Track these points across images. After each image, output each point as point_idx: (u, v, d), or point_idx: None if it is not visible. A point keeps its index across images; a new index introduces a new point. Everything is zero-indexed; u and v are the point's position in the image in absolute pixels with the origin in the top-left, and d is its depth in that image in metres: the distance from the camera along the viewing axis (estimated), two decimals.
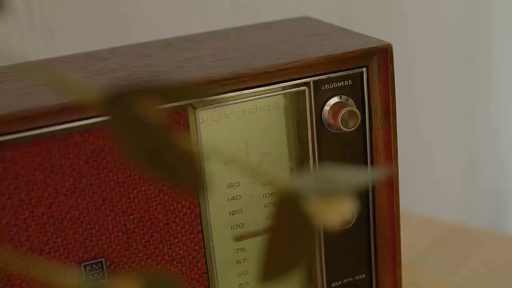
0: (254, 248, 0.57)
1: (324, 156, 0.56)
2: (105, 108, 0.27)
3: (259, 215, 0.56)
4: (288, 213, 0.30)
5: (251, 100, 0.53)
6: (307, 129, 0.55)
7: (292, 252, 0.31)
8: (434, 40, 1.16)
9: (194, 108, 0.52)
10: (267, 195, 0.56)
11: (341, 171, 0.31)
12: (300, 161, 0.56)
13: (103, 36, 0.85)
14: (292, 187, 0.30)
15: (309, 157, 0.55)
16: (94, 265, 0.52)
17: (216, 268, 0.55)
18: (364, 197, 0.58)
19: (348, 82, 0.55)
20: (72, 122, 0.49)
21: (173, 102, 0.50)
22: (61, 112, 0.48)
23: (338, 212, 0.30)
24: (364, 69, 0.55)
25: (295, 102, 0.55)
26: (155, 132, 0.27)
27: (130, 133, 0.27)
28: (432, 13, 1.15)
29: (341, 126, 0.54)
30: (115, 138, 0.27)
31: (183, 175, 0.28)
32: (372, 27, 1.04)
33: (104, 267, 0.52)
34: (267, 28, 0.64)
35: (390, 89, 0.55)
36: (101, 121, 0.49)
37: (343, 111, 0.54)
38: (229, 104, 0.53)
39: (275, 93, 0.54)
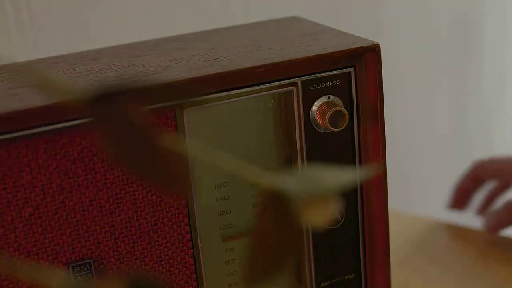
0: (242, 248, 0.57)
1: (313, 156, 0.56)
2: (90, 109, 0.27)
3: (247, 215, 0.56)
4: (274, 213, 0.30)
5: (239, 100, 0.53)
6: (295, 129, 0.55)
7: (278, 252, 0.31)
8: (423, 39, 1.16)
9: (182, 109, 0.52)
10: (256, 195, 0.56)
11: (327, 171, 0.31)
12: (288, 161, 0.56)
13: (92, 36, 0.84)
14: (278, 187, 0.30)
15: (297, 157, 0.55)
16: (82, 266, 0.52)
17: (204, 268, 0.55)
18: (353, 196, 0.58)
19: (336, 82, 0.55)
20: (59, 123, 0.49)
21: (159, 103, 0.50)
22: (49, 113, 0.48)
23: (323, 212, 0.30)
24: (352, 68, 0.55)
25: (283, 102, 0.55)
26: (140, 133, 0.27)
27: (115, 134, 0.27)
28: (422, 13, 1.15)
29: (329, 126, 0.54)
30: (100, 139, 0.27)
31: (169, 176, 0.27)
32: (361, 27, 1.04)
33: (92, 268, 0.52)
34: (256, 28, 0.64)
35: (378, 89, 0.55)
36: (88, 122, 0.49)
37: (331, 111, 0.54)
38: (217, 104, 0.53)
39: (263, 93, 0.54)
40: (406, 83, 1.18)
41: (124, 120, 0.26)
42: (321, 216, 0.30)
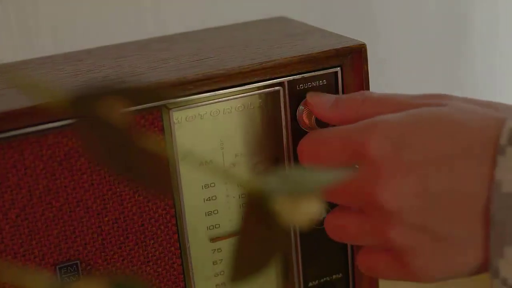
0: (230, 248, 0.57)
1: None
2: (72, 110, 0.27)
3: (235, 215, 0.56)
4: (258, 213, 0.30)
5: (226, 100, 0.53)
6: (282, 128, 0.55)
7: (262, 252, 0.31)
8: (412, 38, 1.17)
9: (168, 109, 0.52)
10: (243, 196, 0.56)
11: (310, 171, 0.31)
12: (276, 161, 0.56)
13: (81, 36, 0.84)
14: (261, 187, 0.30)
15: (284, 157, 0.55)
16: (69, 267, 0.52)
17: (192, 268, 0.55)
18: None
19: (323, 82, 0.55)
20: (45, 123, 0.49)
21: (144, 104, 0.50)
22: (34, 114, 0.48)
23: (307, 212, 0.30)
24: (338, 68, 0.55)
25: (270, 102, 0.55)
26: (122, 134, 0.27)
27: (96, 135, 0.27)
28: (413, 14, 1.15)
29: (315, 125, 0.54)
30: (82, 140, 0.27)
31: (151, 177, 0.28)
32: (351, 26, 1.04)
33: (80, 269, 0.52)
34: (244, 28, 0.65)
35: (364, 89, 0.55)
36: (72, 123, 0.49)
37: None
38: (203, 105, 0.53)
39: (250, 93, 0.54)
40: (398, 82, 1.18)
41: (106, 121, 0.26)
42: (305, 216, 0.30)
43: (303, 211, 0.30)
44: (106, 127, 0.26)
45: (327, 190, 0.49)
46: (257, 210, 0.30)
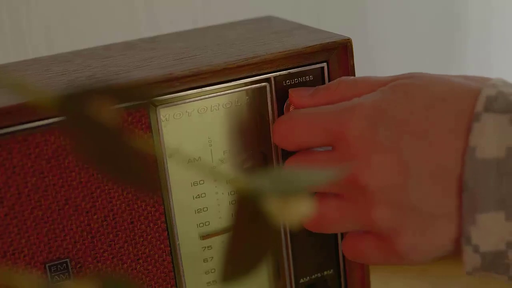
0: (220, 246, 0.57)
1: (288, 152, 0.56)
2: (58, 109, 0.27)
3: (224, 212, 0.56)
4: (248, 212, 0.30)
5: (213, 97, 0.53)
6: (270, 125, 0.55)
7: (253, 251, 0.31)
8: (402, 33, 1.17)
9: (155, 106, 0.52)
10: (233, 193, 0.56)
11: (300, 171, 0.31)
12: (264, 157, 0.56)
13: (74, 37, 0.85)
14: (251, 186, 0.30)
15: (272, 154, 0.56)
16: (59, 266, 0.52)
17: (182, 266, 0.55)
18: None
19: (309, 78, 0.55)
20: (33, 122, 0.49)
21: (131, 101, 0.50)
22: (22, 112, 0.48)
23: (297, 212, 0.30)
24: (324, 64, 0.55)
25: (257, 98, 0.55)
26: (108, 133, 0.27)
27: (83, 134, 0.27)
28: (404, 10, 1.15)
29: None
30: (69, 139, 0.27)
31: (138, 176, 0.28)
32: (343, 23, 1.04)
33: (69, 267, 0.52)
34: (231, 27, 0.65)
35: None
36: (58, 122, 0.49)
37: None
38: (190, 102, 0.53)
39: (236, 89, 0.54)
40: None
41: (93, 120, 0.27)
42: (295, 215, 0.30)
43: (293, 211, 0.30)
44: (93, 126, 0.26)
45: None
46: (247, 210, 0.30)
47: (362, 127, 0.48)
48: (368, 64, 1.09)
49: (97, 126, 0.27)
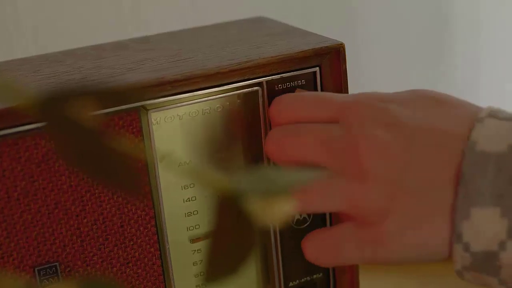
0: (205, 248, 0.57)
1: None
2: (40, 113, 0.27)
3: None
4: (231, 212, 0.30)
5: (204, 101, 0.53)
6: (261, 129, 0.55)
7: (236, 251, 0.31)
8: (392, 35, 1.17)
9: (147, 110, 0.52)
10: (217, 196, 0.56)
11: (283, 170, 0.31)
12: (255, 161, 0.56)
13: (62, 37, 0.84)
14: (234, 186, 0.30)
15: (263, 157, 0.55)
16: (48, 269, 0.51)
17: (172, 269, 0.55)
18: None
19: (302, 82, 0.55)
20: (23, 125, 0.49)
21: (117, 106, 0.50)
22: (12, 116, 0.48)
23: (280, 212, 0.30)
24: (317, 68, 0.55)
25: (249, 102, 0.55)
26: (91, 136, 0.27)
27: (66, 137, 0.27)
28: (393, 11, 1.15)
29: None
30: (54, 142, 0.27)
31: (122, 179, 0.27)
32: (332, 24, 1.04)
33: (59, 271, 0.52)
34: (223, 28, 0.64)
35: (343, 88, 0.55)
36: (43, 126, 0.49)
37: None
38: (182, 106, 0.53)
39: (228, 93, 0.54)
40: (379, 81, 1.18)
41: (77, 123, 0.26)
42: (278, 215, 0.30)
43: (277, 211, 0.30)
44: (77, 129, 0.26)
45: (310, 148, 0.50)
46: (230, 210, 0.30)
47: (371, 108, 0.50)
48: (356, 65, 1.08)
49: (81, 130, 0.27)
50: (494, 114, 0.48)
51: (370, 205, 0.48)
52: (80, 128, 0.26)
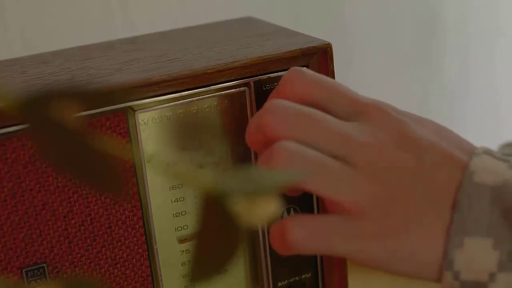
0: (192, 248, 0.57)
1: None
2: (23, 114, 0.27)
3: None
4: (215, 213, 0.30)
5: (192, 101, 0.53)
6: None
7: (221, 251, 0.31)
8: (386, 37, 1.17)
9: (134, 111, 0.51)
10: (202, 196, 0.56)
11: (267, 171, 0.31)
12: (243, 161, 0.56)
13: (49, 37, 0.84)
14: (218, 186, 0.30)
15: (251, 157, 0.55)
16: (35, 271, 0.51)
17: (160, 270, 0.55)
18: (308, 195, 0.58)
19: None
20: (9, 126, 0.49)
21: (103, 107, 0.50)
22: None
23: (264, 212, 0.30)
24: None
25: (237, 102, 0.55)
26: (73, 137, 0.27)
27: (49, 139, 0.27)
28: (383, 10, 1.15)
29: None
30: (36, 144, 0.27)
31: (105, 179, 0.27)
32: (322, 25, 1.04)
33: (46, 272, 0.52)
34: (211, 28, 0.64)
35: None
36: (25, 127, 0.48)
37: None
38: (169, 106, 0.53)
39: (216, 93, 0.54)
40: (368, 81, 1.18)
41: (58, 124, 0.26)
42: (263, 216, 0.30)
43: (262, 211, 0.30)
44: (60, 130, 0.26)
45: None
46: (215, 210, 0.30)
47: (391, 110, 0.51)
48: (346, 64, 1.09)
49: (61, 130, 0.27)
50: (490, 153, 0.49)
51: (371, 201, 0.48)
52: (63, 129, 0.26)
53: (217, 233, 0.31)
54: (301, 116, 0.49)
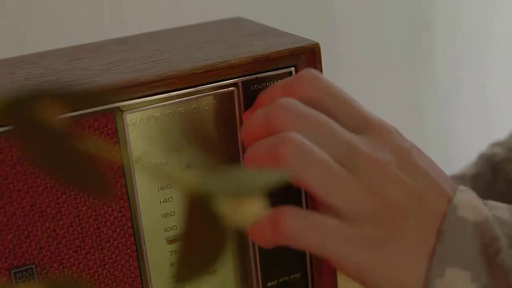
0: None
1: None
2: (6, 115, 0.27)
3: None
4: (200, 213, 0.30)
5: (180, 101, 0.53)
6: (237, 129, 0.55)
7: (206, 252, 0.31)
8: (376, 37, 1.17)
9: (122, 111, 0.51)
10: (187, 197, 0.56)
11: (252, 171, 0.31)
12: (231, 161, 0.56)
13: (38, 37, 0.84)
14: (203, 187, 0.30)
15: (239, 157, 0.55)
16: (24, 272, 0.51)
17: (149, 271, 0.55)
18: (298, 195, 0.58)
19: (277, 82, 0.55)
20: None
21: (96, 107, 0.50)
22: None
23: (249, 212, 0.30)
24: (292, 68, 0.55)
25: (225, 103, 0.55)
26: (57, 138, 0.27)
27: (32, 140, 0.27)
28: (372, 11, 1.15)
29: None
30: (19, 145, 0.27)
31: (88, 180, 0.27)
32: (312, 25, 1.04)
33: (35, 273, 0.52)
34: (200, 29, 0.64)
35: None
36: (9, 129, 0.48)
37: None
38: (158, 106, 0.53)
39: (204, 94, 0.54)
40: (359, 81, 1.18)
41: (42, 126, 0.26)
42: (248, 216, 0.30)
43: (246, 211, 0.30)
44: (43, 131, 0.26)
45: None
46: (200, 211, 0.30)
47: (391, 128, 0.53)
48: (336, 64, 1.09)
49: (45, 131, 0.27)
50: (471, 193, 0.52)
51: (366, 212, 0.50)
52: (47, 130, 0.26)
53: (202, 234, 0.31)
54: (312, 116, 0.50)
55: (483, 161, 0.80)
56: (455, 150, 1.38)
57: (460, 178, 0.79)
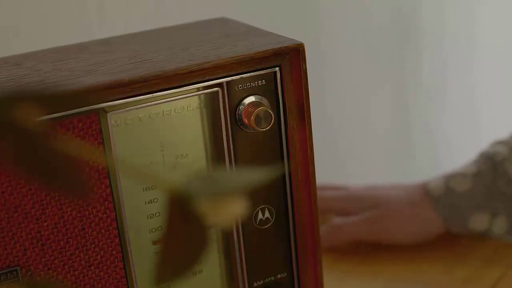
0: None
1: (241, 156, 0.56)
2: None
3: None
4: (181, 214, 0.30)
5: (164, 102, 0.53)
6: (222, 130, 0.55)
7: (187, 253, 0.31)
8: (361, 35, 1.17)
9: (106, 112, 0.51)
10: (167, 198, 0.56)
11: (232, 171, 0.31)
12: (217, 161, 0.56)
13: (24, 38, 0.84)
14: (184, 187, 0.30)
15: (225, 158, 0.55)
16: (8, 274, 0.51)
17: (135, 272, 0.55)
18: (283, 195, 0.58)
19: (262, 82, 0.55)
20: None
21: (74, 109, 0.50)
22: None
23: (230, 212, 0.30)
24: (277, 68, 0.55)
25: (209, 103, 0.55)
26: (35, 139, 0.26)
27: (10, 142, 0.27)
28: (358, 11, 1.16)
29: (255, 125, 0.54)
30: None
31: (66, 181, 0.27)
32: (298, 24, 1.04)
33: (20, 275, 0.51)
34: (184, 29, 0.64)
35: (303, 88, 0.55)
36: None
37: (256, 111, 0.54)
38: (142, 107, 0.52)
39: (188, 94, 0.54)
40: (344, 81, 1.18)
41: (15, 126, 0.26)
42: (228, 216, 0.30)
43: (226, 212, 0.30)
44: (18, 133, 0.26)
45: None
46: (180, 211, 0.30)
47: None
48: (321, 64, 1.09)
49: (21, 132, 0.27)
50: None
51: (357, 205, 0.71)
52: (24, 132, 0.26)
53: (184, 234, 0.31)
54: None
55: (485, 160, 0.79)
56: (442, 150, 1.38)
57: (461, 176, 0.79)
